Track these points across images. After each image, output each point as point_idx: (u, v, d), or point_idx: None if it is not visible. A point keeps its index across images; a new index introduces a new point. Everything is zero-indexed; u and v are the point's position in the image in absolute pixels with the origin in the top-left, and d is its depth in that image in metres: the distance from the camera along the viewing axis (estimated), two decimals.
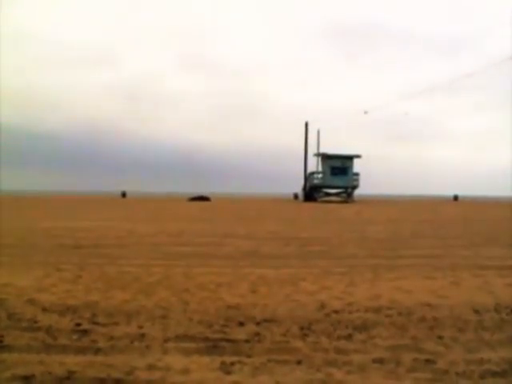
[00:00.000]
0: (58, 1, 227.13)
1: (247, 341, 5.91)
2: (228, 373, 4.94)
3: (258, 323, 6.65)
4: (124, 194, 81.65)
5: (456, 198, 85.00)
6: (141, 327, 6.42)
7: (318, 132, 68.03)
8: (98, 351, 5.53)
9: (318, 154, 65.36)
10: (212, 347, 5.69)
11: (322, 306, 7.61)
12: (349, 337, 6.12)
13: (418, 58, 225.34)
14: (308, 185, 64.96)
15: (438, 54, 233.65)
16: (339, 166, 62.21)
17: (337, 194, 65.69)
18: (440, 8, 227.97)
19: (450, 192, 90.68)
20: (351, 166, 62.92)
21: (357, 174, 63.39)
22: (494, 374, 4.96)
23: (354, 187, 64.13)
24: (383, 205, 58.03)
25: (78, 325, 6.51)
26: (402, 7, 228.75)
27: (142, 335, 6.08)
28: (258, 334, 6.19)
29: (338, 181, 62.76)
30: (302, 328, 6.45)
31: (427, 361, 5.28)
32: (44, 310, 7.29)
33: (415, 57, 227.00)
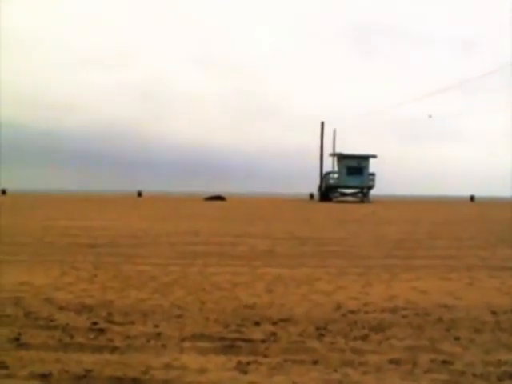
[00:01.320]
0: (73, 1, 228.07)
1: (263, 341, 5.90)
2: (244, 372, 4.93)
3: (274, 323, 6.65)
4: (140, 194, 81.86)
5: (472, 198, 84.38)
6: (157, 326, 6.44)
7: (334, 132, 67.96)
8: (114, 350, 5.55)
9: (333, 154, 65.24)
10: (228, 347, 5.68)
11: (339, 306, 7.59)
12: (365, 337, 6.10)
13: (433, 58, 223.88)
14: (324, 185, 64.79)
15: (453, 55, 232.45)
16: (355, 166, 62.00)
17: (352, 194, 65.52)
18: (455, 9, 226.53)
19: (466, 192, 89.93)
20: (367, 166, 62.69)
21: (372, 174, 63.17)
22: None
23: (370, 187, 63.91)
24: (399, 205, 57.81)
25: (95, 323, 6.54)
26: (418, 8, 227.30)
27: (158, 334, 6.09)
28: (274, 333, 6.18)
29: (354, 181, 62.55)
30: (318, 328, 6.43)
31: (444, 362, 5.25)
32: (61, 308, 7.33)
33: (430, 57, 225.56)
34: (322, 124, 67.23)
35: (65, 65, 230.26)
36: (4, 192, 75.37)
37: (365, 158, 62.71)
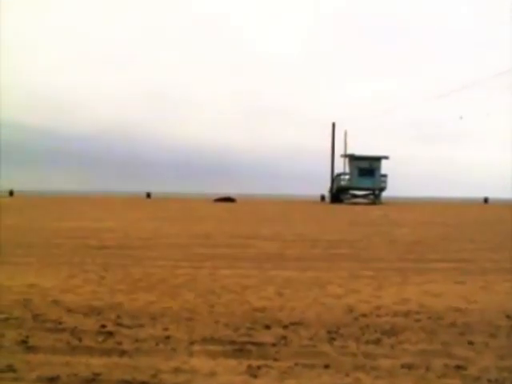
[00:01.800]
0: (74, 1, 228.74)
1: (274, 344, 5.83)
2: (255, 376, 4.86)
3: (284, 326, 6.57)
4: (149, 195, 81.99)
5: (486, 200, 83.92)
6: (166, 329, 6.38)
7: (345, 133, 67.86)
8: (123, 353, 5.49)
9: (345, 155, 65.14)
10: (238, 350, 5.62)
11: (350, 310, 7.51)
12: (377, 341, 6.01)
13: (446, 58, 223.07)
14: (335, 186, 64.73)
15: (465, 54, 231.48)
16: (367, 168, 61.87)
17: (364, 196, 65.39)
18: (468, 7, 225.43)
19: (480, 194, 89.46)
20: (379, 168, 62.54)
21: (384, 176, 63.02)
22: None
23: (382, 189, 63.77)
24: (411, 207, 57.60)
25: (103, 326, 6.48)
26: (429, 8, 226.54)
27: (168, 337, 6.03)
28: (284, 337, 6.11)
29: (366, 182, 62.40)
30: (329, 332, 6.36)
31: (458, 367, 5.16)
32: (69, 311, 7.28)
33: (442, 57, 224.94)
34: (333, 125, 67.23)
35: (66, 65, 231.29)
36: (12, 193, 75.82)
37: (376, 160, 62.58)
